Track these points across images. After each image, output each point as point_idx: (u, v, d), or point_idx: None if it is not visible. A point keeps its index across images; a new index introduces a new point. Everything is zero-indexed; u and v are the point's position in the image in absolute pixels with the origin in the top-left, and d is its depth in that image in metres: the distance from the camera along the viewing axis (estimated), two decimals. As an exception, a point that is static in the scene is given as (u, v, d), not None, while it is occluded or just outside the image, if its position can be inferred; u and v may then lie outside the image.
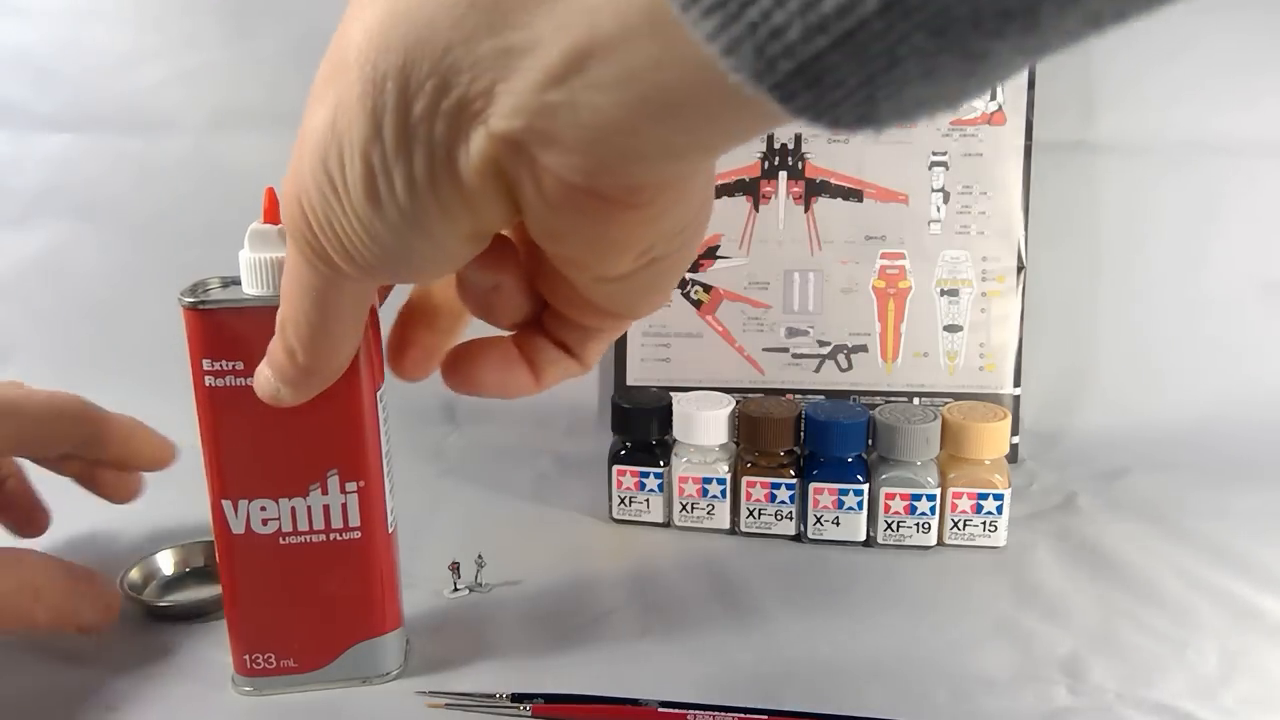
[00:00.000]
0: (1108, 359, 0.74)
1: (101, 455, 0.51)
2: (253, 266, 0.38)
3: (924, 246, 0.70)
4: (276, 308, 0.32)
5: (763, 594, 0.53)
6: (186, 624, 0.49)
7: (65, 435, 0.50)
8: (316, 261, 0.27)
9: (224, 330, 0.39)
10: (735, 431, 0.59)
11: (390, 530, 0.44)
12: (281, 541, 0.42)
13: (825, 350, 0.71)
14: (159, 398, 0.50)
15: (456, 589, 0.52)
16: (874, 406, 0.59)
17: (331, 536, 0.42)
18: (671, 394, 0.60)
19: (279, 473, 0.41)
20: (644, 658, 0.47)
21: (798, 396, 0.68)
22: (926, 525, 0.56)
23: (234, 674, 0.45)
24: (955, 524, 0.57)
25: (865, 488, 0.56)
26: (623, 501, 0.60)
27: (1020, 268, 0.69)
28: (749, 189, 0.70)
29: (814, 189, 0.70)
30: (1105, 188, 0.72)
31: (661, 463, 0.59)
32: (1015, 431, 0.69)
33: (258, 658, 0.44)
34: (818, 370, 0.71)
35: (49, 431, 0.49)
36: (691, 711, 0.42)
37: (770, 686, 0.45)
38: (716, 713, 0.42)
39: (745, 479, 0.58)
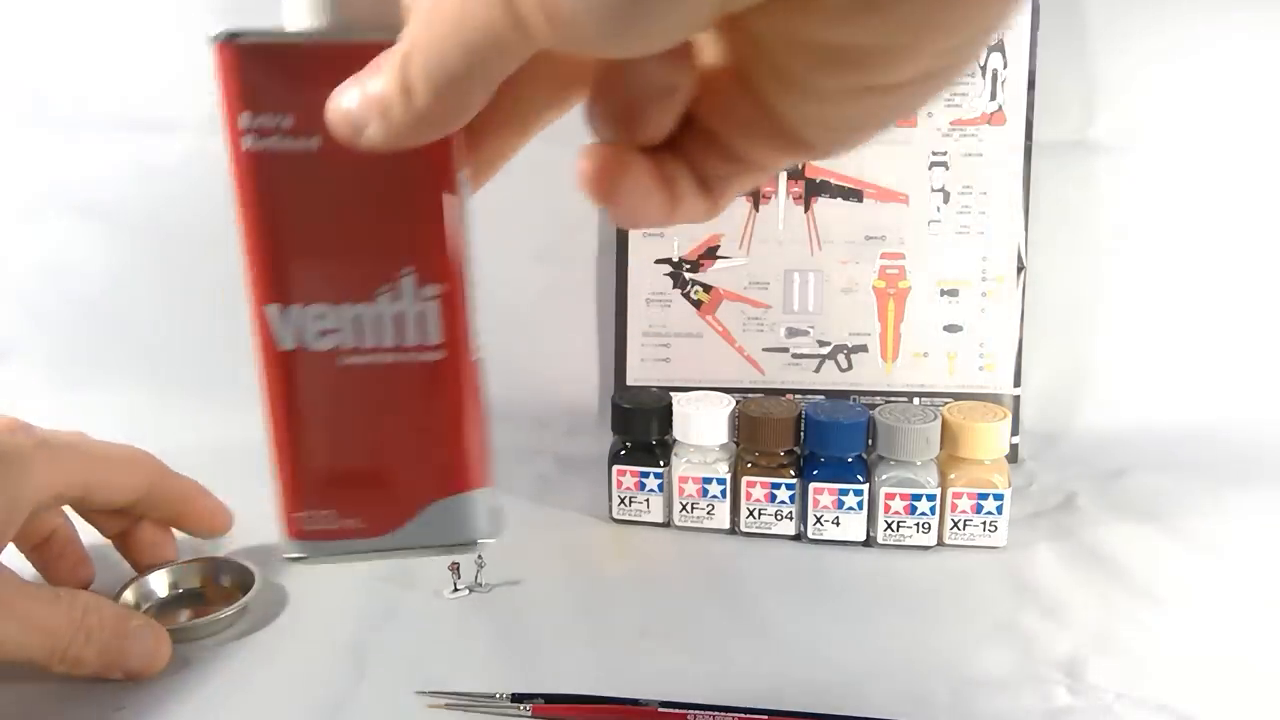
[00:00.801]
0: (1108, 359, 0.74)
1: (158, 513, 0.51)
2: None
3: (924, 246, 0.70)
4: (343, 46, 0.26)
5: (763, 594, 0.53)
6: (195, 644, 0.49)
7: (131, 486, 0.50)
8: (504, 14, 0.22)
9: (271, 73, 0.30)
10: (735, 431, 0.59)
11: (477, 357, 0.33)
12: (342, 362, 0.32)
13: (825, 350, 0.71)
14: (159, 398, 0.50)
15: (456, 589, 0.52)
16: (874, 406, 0.59)
17: (405, 356, 0.33)
18: (671, 394, 0.60)
19: (340, 269, 0.32)
20: (644, 658, 0.47)
21: (798, 396, 0.68)
22: (926, 525, 0.56)
23: (284, 537, 0.36)
24: (955, 524, 0.57)
25: (865, 488, 0.56)
26: (623, 501, 0.60)
27: (1020, 268, 0.69)
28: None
29: (814, 189, 0.70)
30: (1105, 188, 0.72)
31: (661, 463, 0.59)
32: (1015, 431, 0.69)
33: (313, 516, 0.35)
34: (818, 370, 0.71)
35: (117, 479, 0.49)
36: (691, 711, 0.42)
37: (770, 686, 0.45)
38: (716, 713, 0.42)
39: (745, 479, 0.58)
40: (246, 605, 0.50)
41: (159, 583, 0.52)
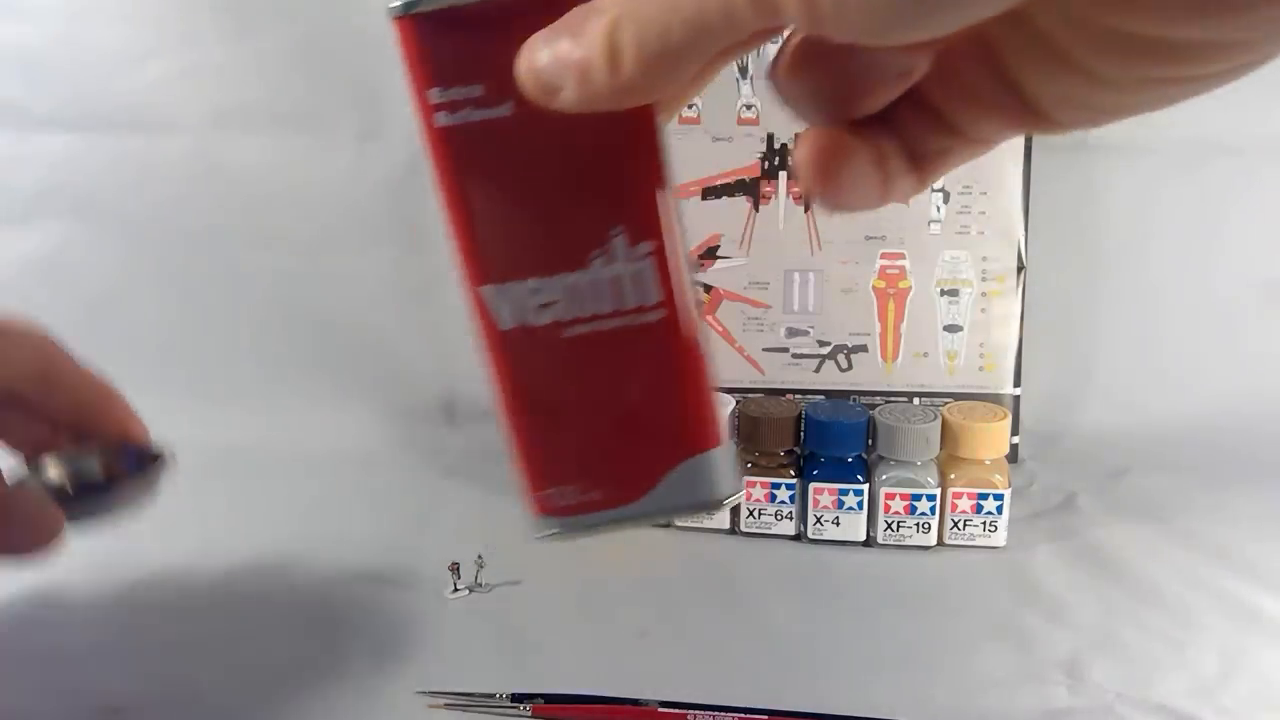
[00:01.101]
0: (1108, 359, 0.74)
1: (53, 404, 0.41)
2: None
3: (924, 246, 0.69)
4: (527, 6, 0.25)
5: (763, 594, 0.53)
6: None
7: (10, 358, 0.39)
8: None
9: (455, 41, 0.29)
10: (735, 431, 0.59)
11: (696, 309, 0.32)
12: (565, 334, 0.31)
13: (825, 350, 0.71)
14: (160, 398, 0.50)
15: (456, 589, 0.52)
16: (874, 406, 0.59)
17: (628, 319, 0.31)
18: (671, 394, 0.60)
19: (549, 238, 0.31)
20: (644, 658, 0.47)
21: (798, 396, 0.68)
22: (926, 525, 0.56)
23: (531, 516, 0.35)
24: (955, 524, 0.57)
25: (865, 488, 0.56)
26: (623, 501, 0.60)
27: (1020, 268, 0.69)
28: (749, 189, 0.70)
29: (814, 189, 0.70)
30: (1105, 188, 0.73)
31: (661, 463, 0.59)
32: (1015, 431, 0.69)
33: (557, 493, 0.34)
34: (818, 370, 0.71)
35: None
36: (691, 711, 0.42)
37: (770, 686, 0.45)
38: (716, 713, 0.42)
39: (745, 479, 0.58)
40: (152, 481, 0.43)
41: (50, 472, 0.42)
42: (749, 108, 0.69)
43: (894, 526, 0.56)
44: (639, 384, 0.32)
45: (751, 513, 0.58)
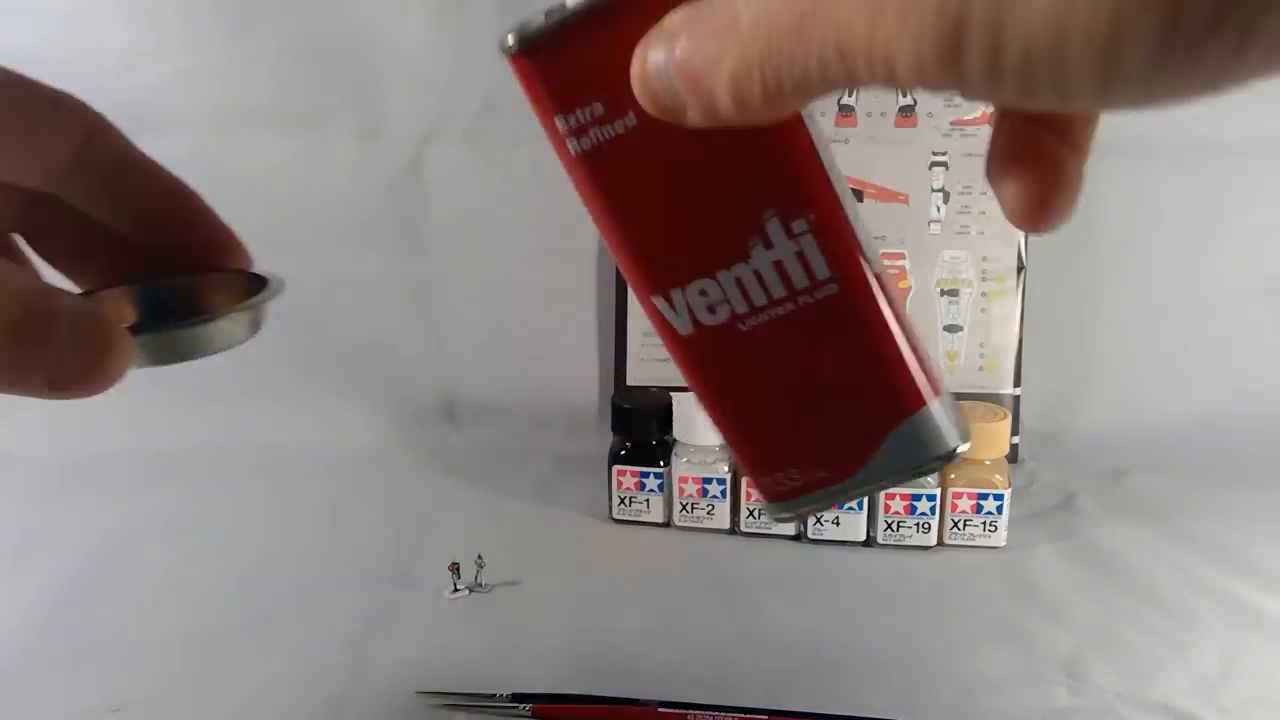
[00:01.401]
0: (1108, 359, 0.74)
1: (120, 206, 0.31)
2: None
3: (924, 246, 0.69)
4: (625, 9, 0.25)
5: (763, 594, 0.53)
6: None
7: (48, 140, 0.29)
8: (931, 44, 0.17)
9: (568, 64, 0.29)
10: (735, 431, 0.58)
11: (876, 273, 0.31)
12: (744, 326, 0.31)
13: (825, 350, 0.71)
14: (160, 398, 0.50)
15: (456, 589, 0.52)
16: (874, 406, 0.58)
17: (802, 300, 0.31)
18: (671, 394, 0.60)
19: (703, 236, 0.31)
20: (644, 658, 0.47)
21: (798, 396, 0.68)
22: (926, 525, 0.56)
23: (763, 502, 0.35)
24: (955, 524, 0.57)
25: (865, 488, 0.56)
26: (623, 501, 0.60)
27: (1020, 268, 0.69)
28: (749, 189, 0.70)
29: (814, 189, 0.70)
30: (1105, 188, 0.72)
31: (661, 463, 0.59)
32: (1015, 431, 0.69)
33: (781, 476, 0.34)
34: (818, 370, 0.71)
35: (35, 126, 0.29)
36: (691, 711, 0.42)
37: (770, 686, 0.45)
38: (716, 713, 0.42)
39: (745, 479, 0.58)
40: (256, 309, 0.32)
41: (117, 293, 0.32)
42: (749, 108, 0.69)
43: (894, 526, 0.56)
44: (830, 360, 0.32)
45: (751, 513, 0.58)
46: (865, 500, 0.56)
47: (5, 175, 0.28)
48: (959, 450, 0.32)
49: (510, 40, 0.28)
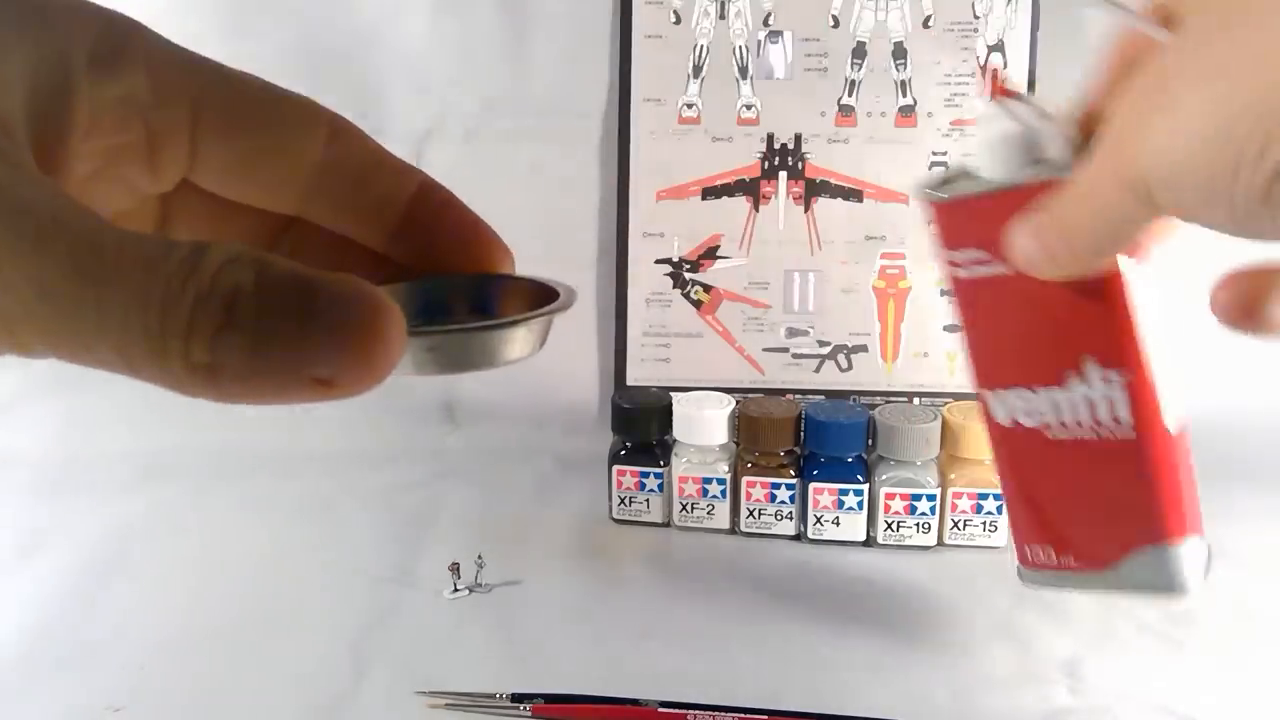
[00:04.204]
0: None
1: (359, 219, 0.27)
2: (991, 147, 0.37)
3: (924, 246, 0.69)
4: (1021, 188, 0.34)
5: (763, 594, 0.53)
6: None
7: (298, 139, 0.25)
8: (1144, 210, 0.30)
9: (967, 220, 0.38)
10: (735, 431, 0.59)
11: (1174, 430, 0.38)
12: (1049, 435, 0.39)
13: (825, 350, 0.71)
14: (160, 398, 0.50)
15: (456, 589, 0.52)
16: (874, 406, 0.59)
17: (1101, 434, 0.38)
18: (671, 394, 0.60)
19: (1033, 360, 0.39)
20: (644, 658, 0.47)
21: (798, 396, 0.68)
22: (926, 525, 0.56)
23: (1017, 564, 0.43)
24: (955, 524, 0.57)
25: (865, 488, 0.56)
26: (623, 501, 0.60)
27: (1020, 268, 0.69)
28: (749, 189, 0.70)
29: (814, 189, 0.70)
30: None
31: (661, 463, 0.59)
32: (1015, 431, 0.69)
33: (1036, 551, 0.42)
34: (818, 370, 0.71)
35: (265, 112, 0.25)
36: (691, 711, 0.42)
37: (770, 686, 0.45)
38: (716, 713, 0.42)
39: (745, 479, 0.58)
40: (549, 318, 0.27)
41: (395, 296, 0.24)
42: (749, 108, 0.69)
43: (894, 526, 0.56)
44: (1110, 481, 0.39)
45: (751, 513, 0.58)
46: (865, 500, 0.56)
47: (252, 197, 0.25)
48: (1184, 589, 0.38)
49: (934, 193, 0.37)
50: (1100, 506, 0.40)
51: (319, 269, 0.21)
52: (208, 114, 0.23)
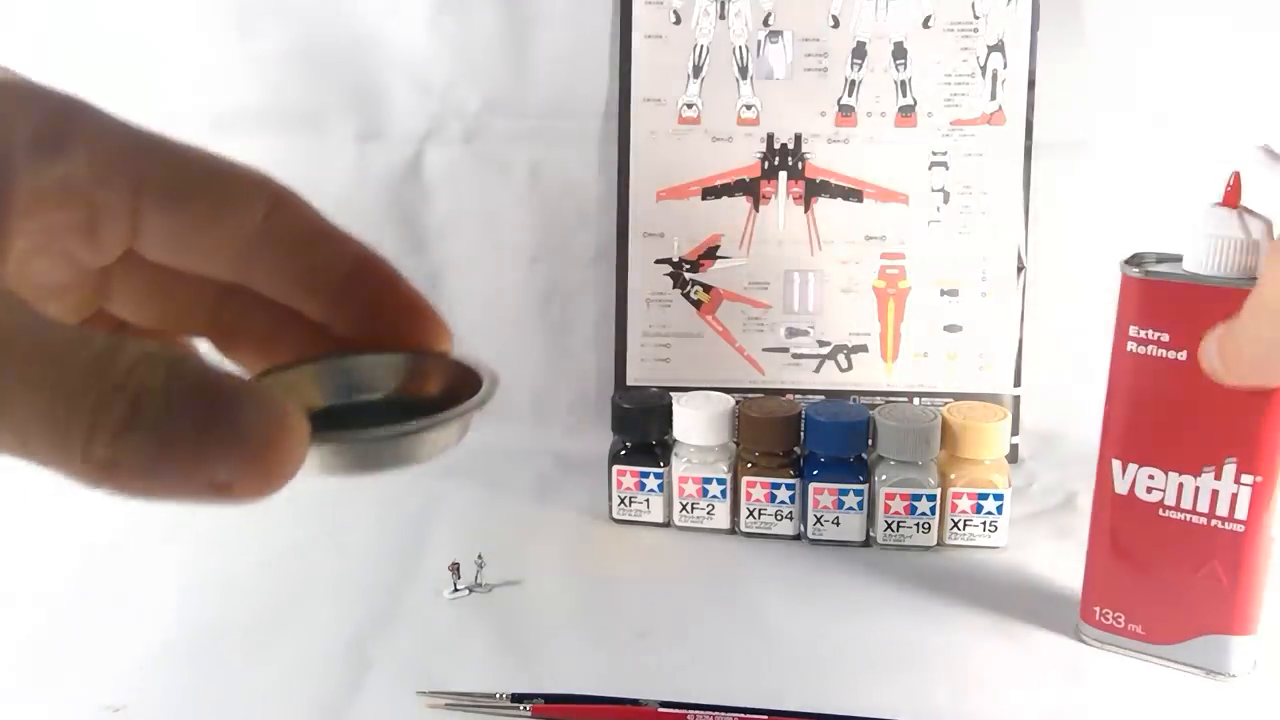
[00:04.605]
0: (1107, 359, 0.74)
1: (296, 267, 0.26)
2: (1209, 245, 0.40)
3: (924, 246, 0.69)
4: (1221, 289, 0.38)
5: (763, 594, 0.53)
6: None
7: (237, 211, 0.25)
8: None
9: (1159, 301, 0.41)
10: (735, 431, 0.59)
11: (1273, 534, 0.43)
12: (1160, 513, 0.42)
13: (825, 350, 0.71)
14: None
15: (456, 589, 0.52)
16: (874, 406, 0.59)
17: (1213, 522, 0.42)
18: (671, 394, 0.60)
19: (1175, 447, 0.42)
20: (644, 658, 0.47)
21: (798, 396, 0.68)
22: (926, 525, 0.56)
23: (1080, 621, 0.46)
24: (955, 524, 0.57)
25: (865, 488, 0.56)
26: (623, 501, 0.60)
27: (1020, 268, 0.69)
28: (749, 189, 0.70)
29: (814, 189, 0.70)
30: (1105, 188, 0.72)
31: (661, 463, 0.59)
32: (1015, 431, 0.69)
33: (1107, 613, 0.45)
34: (818, 370, 0.71)
35: (203, 183, 0.25)
36: (691, 711, 0.42)
37: (770, 686, 0.45)
38: (716, 713, 0.42)
39: (745, 479, 0.58)
40: (468, 415, 0.26)
41: (318, 376, 0.26)
42: (749, 108, 0.69)
43: (894, 526, 0.56)
44: (1199, 566, 0.42)
45: (751, 513, 0.58)
46: (865, 500, 0.56)
47: (194, 265, 0.25)
48: (1239, 676, 0.43)
49: (1134, 268, 0.41)
50: (1187, 588, 0.43)
51: (256, 352, 0.26)
52: (149, 190, 0.24)
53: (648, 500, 0.60)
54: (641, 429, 0.59)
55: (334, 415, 0.25)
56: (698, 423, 0.58)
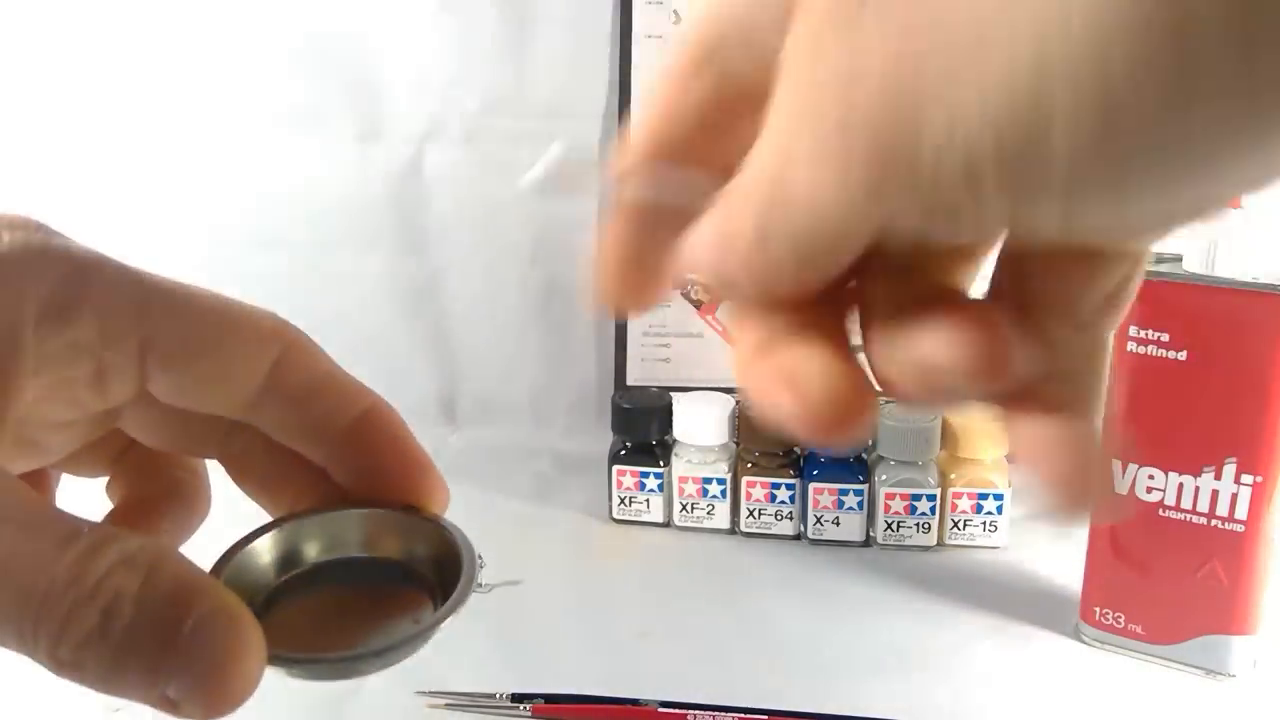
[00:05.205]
0: (1107, 359, 0.74)
1: (296, 436, 0.27)
2: (1209, 245, 0.41)
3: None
4: (1222, 289, 0.38)
5: (763, 594, 0.53)
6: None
7: (243, 366, 0.26)
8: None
9: (1159, 301, 0.41)
10: (735, 431, 0.59)
11: (1275, 533, 0.43)
12: (1160, 513, 0.43)
13: (825, 350, 0.71)
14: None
15: (456, 589, 0.52)
16: (874, 406, 0.58)
17: (1213, 523, 0.42)
18: (671, 394, 0.60)
19: (1175, 447, 0.42)
20: (644, 658, 0.47)
21: (798, 396, 0.68)
22: (926, 525, 0.56)
23: (1080, 621, 0.46)
24: (955, 524, 0.57)
25: (865, 488, 0.56)
26: (623, 501, 0.60)
27: (1020, 268, 0.69)
28: (749, 189, 0.70)
29: (814, 189, 0.70)
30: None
31: (661, 463, 0.59)
32: (1015, 431, 0.69)
33: (1106, 613, 0.45)
34: (818, 370, 0.71)
35: (207, 341, 0.25)
36: (691, 711, 0.42)
37: (770, 686, 0.45)
38: (716, 713, 0.42)
39: (745, 479, 0.58)
40: (427, 634, 0.27)
41: (263, 552, 0.26)
42: (749, 108, 0.69)
43: (894, 526, 0.56)
44: (1199, 566, 0.42)
45: (751, 513, 0.58)
46: (865, 500, 0.56)
47: (202, 406, 0.26)
48: (1238, 675, 0.43)
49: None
50: (1186, 588, 0.43)
51: (264, 486, 0.28)
52: (156, 347, 0.24)
53: (648, 500, 0.60)
54: (641, 429, 0.59)
55: (317, 572, 0.27)
56: (698, 423, 0.58)
